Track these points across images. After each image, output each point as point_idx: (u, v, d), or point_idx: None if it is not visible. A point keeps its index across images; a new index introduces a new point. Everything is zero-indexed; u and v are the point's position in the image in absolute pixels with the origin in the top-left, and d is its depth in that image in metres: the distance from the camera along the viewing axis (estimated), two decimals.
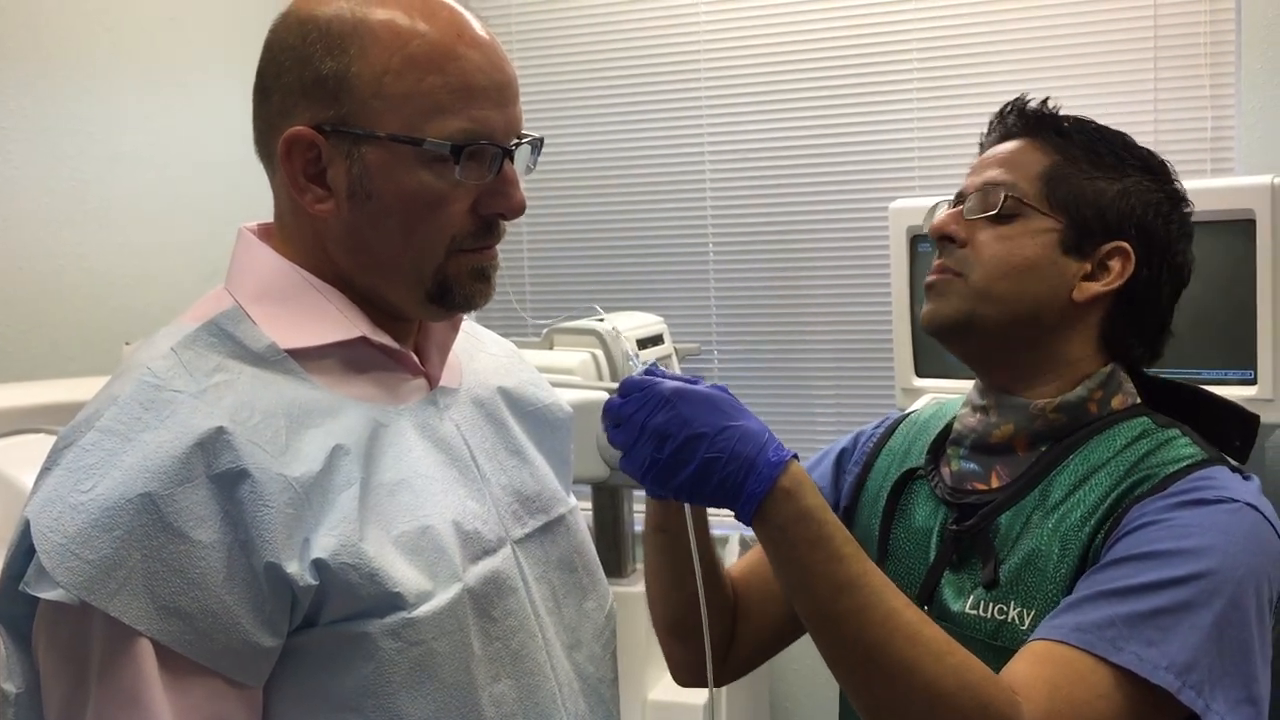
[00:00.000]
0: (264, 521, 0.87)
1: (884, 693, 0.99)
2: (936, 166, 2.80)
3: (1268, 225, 2.08)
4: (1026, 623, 1.09)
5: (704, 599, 1.11)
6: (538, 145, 1.03)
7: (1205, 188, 2.28)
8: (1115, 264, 1.16)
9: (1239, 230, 2.13)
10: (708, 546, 1.21)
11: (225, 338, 0.94)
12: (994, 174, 1.19)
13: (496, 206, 0.98)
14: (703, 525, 1.19)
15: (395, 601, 0.90)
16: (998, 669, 1.01)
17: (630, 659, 2.55)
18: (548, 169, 3.14)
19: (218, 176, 2.55)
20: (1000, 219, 1.16)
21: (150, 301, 2.53)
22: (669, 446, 0.98)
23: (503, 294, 3.24)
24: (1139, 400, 1.20)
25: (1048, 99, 1.23)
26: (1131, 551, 1.03)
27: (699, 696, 2.57)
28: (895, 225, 2.43)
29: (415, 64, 0.93)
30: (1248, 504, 1.06)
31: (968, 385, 1.28)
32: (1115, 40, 2.65)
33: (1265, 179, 2.09)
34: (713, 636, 1.24)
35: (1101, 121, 1.23)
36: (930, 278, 1.20)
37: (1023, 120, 1.22)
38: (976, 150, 1.27)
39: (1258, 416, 1.21)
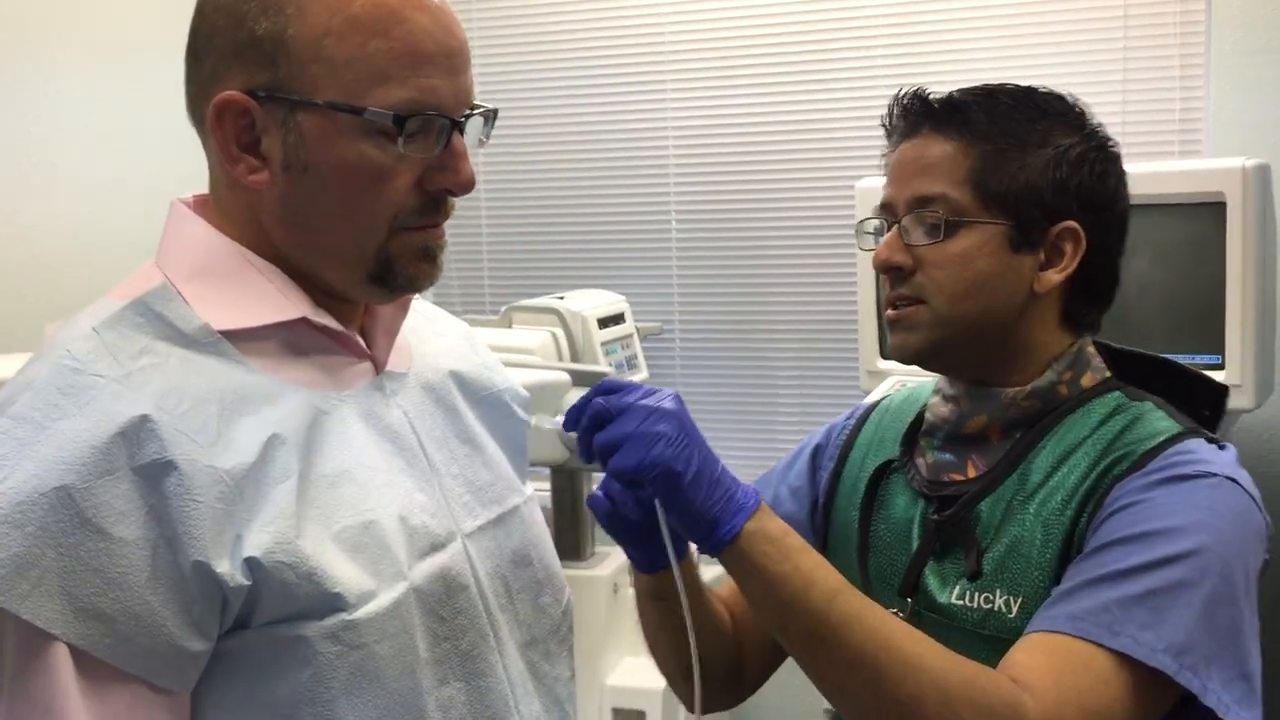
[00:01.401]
0: (192, 517, 0.81)
1: (894, 693, 0.98)
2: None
3: (1238, 208, 2.05)
4: (1014, 610, 1.09)
5: (695, 648, 1.09)
6: (491, 117, 0.97)
7: (1174, 170, 2.25)
8: (1068, 246, 1.14)
9: (1209, 213, 2.11)
10: (702, 594, 1.21)
11: (153, 318, 0.87)
12: (921, 185, 1.14)
13: (443, 182, 0.93)
14: (695, 578, 1.19)
15: (334, 602, 0.85)
16: (987, 658, 1.01)
17: (588, 644, 2.52)
18: (508, 144, 3.07)
19: (163, 144, 2.47)
20: (944, 233, 1.13)
21: (90, 275, 2.45)
22: (678, 438, 0.97)
23: (461, 271, 3.18)
24: (1108, 374, 1.19)
25: (955, 91, 1.18)
26: (1118, 535, 1.03)
27: (657, 681, 2.53)
28: (861, 205, 2.38)
29: (358, 26, 0.87)
30: (1227, 477, 1.06)
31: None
32: (1083, 19, 2.62)
33: (1236, 161, 2.06)
34: (723, 667, 1.26)
35: None
36: (891, 313, 1.17)
37: (931, 115, 1.17)
38: (890, 137, 1.22)
39: (1226, 387, 1.21)
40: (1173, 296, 2.19)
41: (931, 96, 1.18)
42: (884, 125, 1.22)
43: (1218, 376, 2.10)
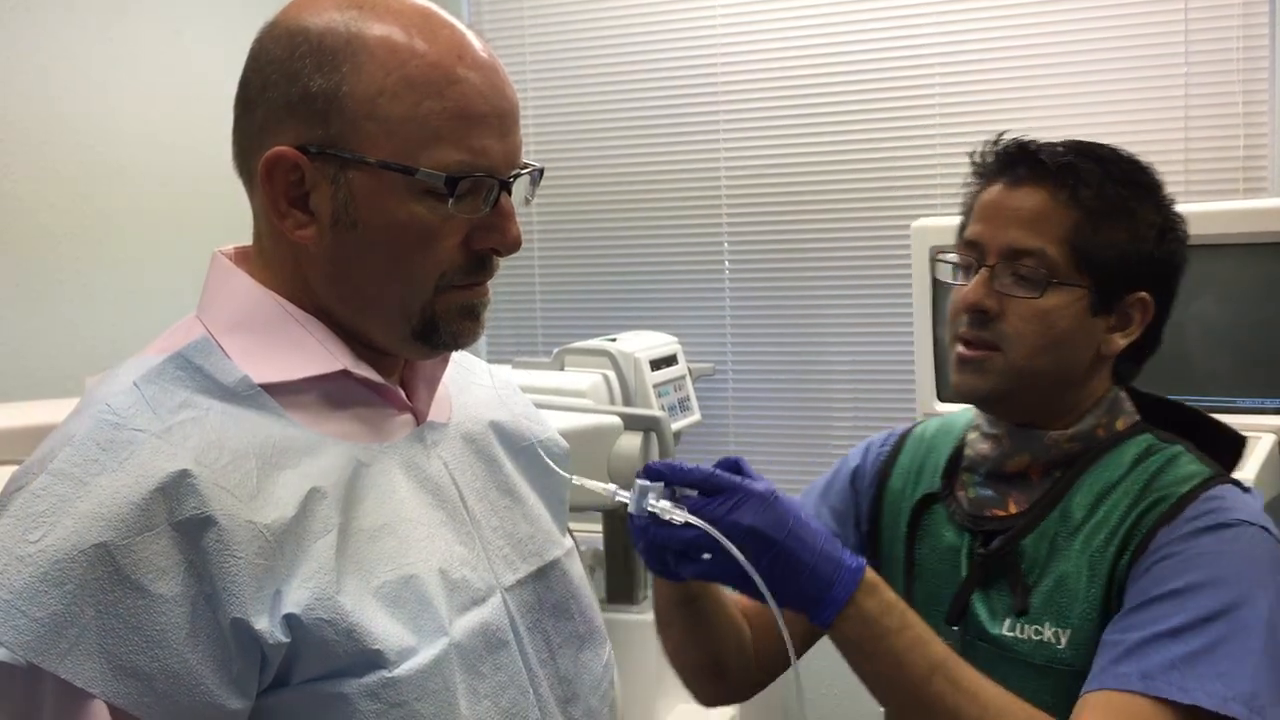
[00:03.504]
0: (231, 573, 0.80)
1: None
2: (960, 184, 2.73)
3: None
4: (1063, 642, 1.14)
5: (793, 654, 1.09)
6: (537, 176, 0.97)
7: (1240, 209, 2.21)
8: (1137, 314, 1.21)
9: (1276, 253, 2.05)
10: (724, 602, 1.26)
11: (193, 371, 0.87)
12: (1020, 237, 1.18)
13: (490, 242, 0.92)
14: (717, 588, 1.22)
15: (375, 659, 0.84)
16: (1039, 686, 1.10)
17: (641, 690, 2.48)
18: (561, 187, 3.08)
19: (224, 190, 2.50)
20: (1032, 286, 1.17)
21: (153, 320, 2.48)
22: (770, 551, 1.00)
23: (513, 313, 3.19)
24: (1137, 418, 1.25)
25: (1059, 146, 1.21)
26: (1168, 587, 1.08)
27: None
28: (917, 244, 2.36)
29: (413, 86, 0.87)
30: (1261, 526, 1.12)
31: None
32: (1144, 58, 2.58)
33: None
34: (738, 669, 1.30)
35: (1131, 141, 1.23)
36: (966, 352, 1.20)
37: (1036, 167, 1.20)
38: (980, 176, 1.26)
39: (1244, 438, 1.25)
40: (1239, 339, 2.13)
41: (1034, 147, 1.21)
42: (974, 162, 1.26)
43: None
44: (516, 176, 0.93)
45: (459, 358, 1.08)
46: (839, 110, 2.86)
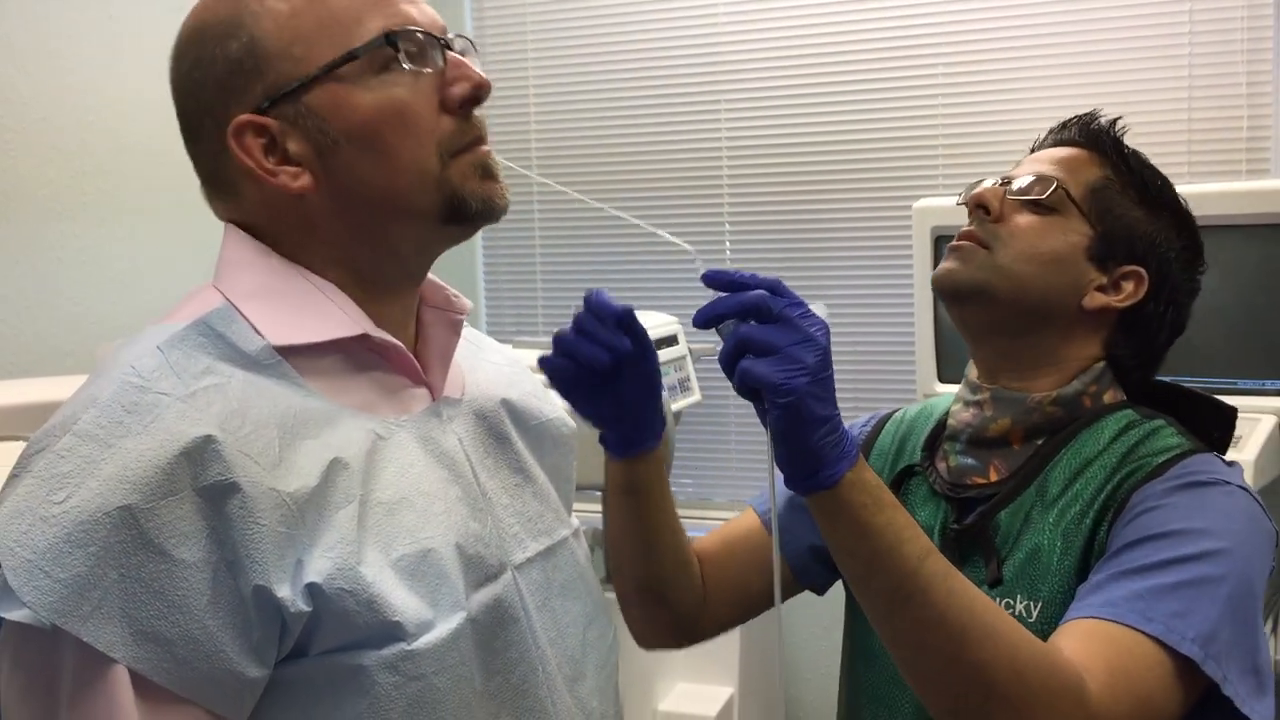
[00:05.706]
0: (253, 540, 0.80)
1: (972, 656, 0.96)
2: (962, 165, 2.73)
3: None
4: (1034, 615, 1.12)
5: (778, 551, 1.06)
6: (473, 47, 0.98)
7: (1242, 190, 2.21)
8: (1129, 285, 1.21)
9: (1278, 235, 2.05)
10: (667, 497, 1.23)
11: (216, 338, 0.87)
12: (1047, 169, 1.22)
13: (460, 91, 0.92)
14: (662, 475, 1.20)
15: (394, 631, 0.84)
16: None
17: (640, 669, 2.49)
18: (561, 165, 3.08)
19: None
20: (1040, 208, 1.20)
21: (154, 297, 2.48)
22: (819, 372, 0.93)
23: (514, 292, 3.19)
24: (1124, 396, 1.24)
25: (1117, 119, 1.27)
26: (1144, 534, 1.07)
27: (710, 706, 2.51)
28: (919, 225, 2.36)
29: None
30: (1239, 486, 1.11)
31: None
32: (1148, 37, 2.58)
33: None
34: (685, 599, 1.27)
35: (1134, 121, 1.28)
36: (956, 242, 1.21)
37: (1085, 133, 1.26)
38: (1008, 147, 1.34)
39: (1235, 409, 1.23)
40: (1240, 320, 2.13)
41: (1089, 120, 1.27)
42: (1033, 148, 1.30)
43: None
44: (448, 44, 0.94)
45: (470, 335, 1.08)
46: (841, 90, 2.85)
